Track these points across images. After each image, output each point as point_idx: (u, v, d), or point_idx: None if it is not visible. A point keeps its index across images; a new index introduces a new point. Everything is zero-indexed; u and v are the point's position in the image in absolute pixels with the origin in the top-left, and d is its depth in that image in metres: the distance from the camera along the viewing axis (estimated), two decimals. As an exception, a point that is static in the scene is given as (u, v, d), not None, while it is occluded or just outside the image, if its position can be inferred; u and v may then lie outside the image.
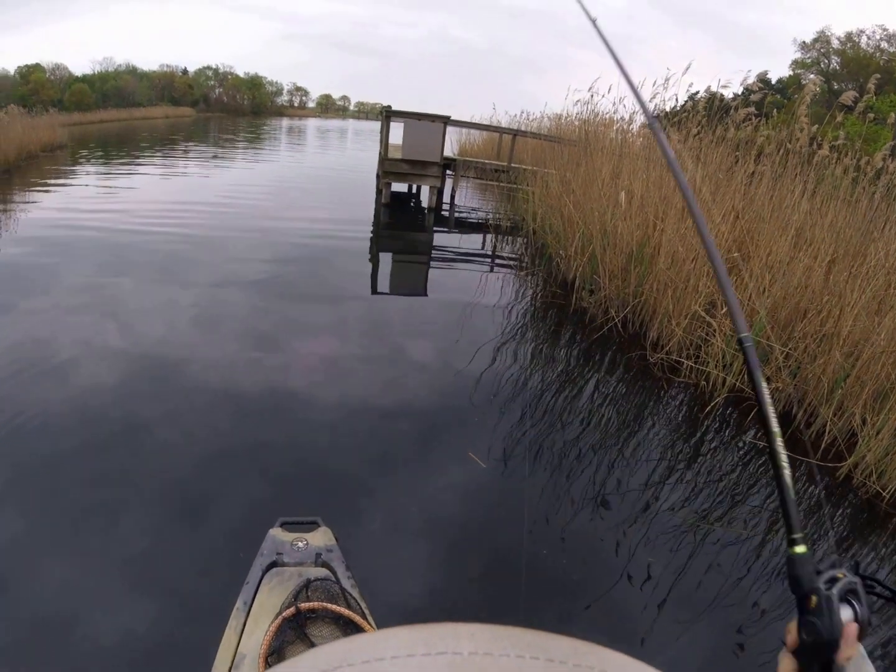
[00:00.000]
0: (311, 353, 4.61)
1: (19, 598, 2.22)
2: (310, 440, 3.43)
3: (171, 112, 50.38)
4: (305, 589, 1.38)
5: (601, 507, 3.09)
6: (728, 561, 2.78)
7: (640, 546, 2.82)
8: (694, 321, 4.63)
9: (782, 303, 4.36)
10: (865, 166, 5.10)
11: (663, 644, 2.31)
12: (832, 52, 29.95)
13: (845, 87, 15.95)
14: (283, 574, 1.56)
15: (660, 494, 3.27)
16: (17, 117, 16.28)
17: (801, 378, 4.15)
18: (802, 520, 2.28)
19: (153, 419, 3.45)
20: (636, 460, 3.58)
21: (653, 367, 4.69)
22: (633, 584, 2.58)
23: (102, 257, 6.61)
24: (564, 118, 10.33)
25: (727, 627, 2.43)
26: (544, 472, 3.33)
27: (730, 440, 4.04)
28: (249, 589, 1.53)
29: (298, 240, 8.06)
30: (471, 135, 17.46)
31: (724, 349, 4.26)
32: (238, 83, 72.09)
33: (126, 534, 2.54)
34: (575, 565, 2.71)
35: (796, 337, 4.20)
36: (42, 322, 4.73)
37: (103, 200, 10.23)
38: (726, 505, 3.27)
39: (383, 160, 11.11)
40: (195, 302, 5.40)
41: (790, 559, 0.64)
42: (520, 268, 7.94)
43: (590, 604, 2.46)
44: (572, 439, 3.72)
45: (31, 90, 43.13)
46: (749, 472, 3.65)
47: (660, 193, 5.56)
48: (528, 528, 2.87)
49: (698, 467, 3.66)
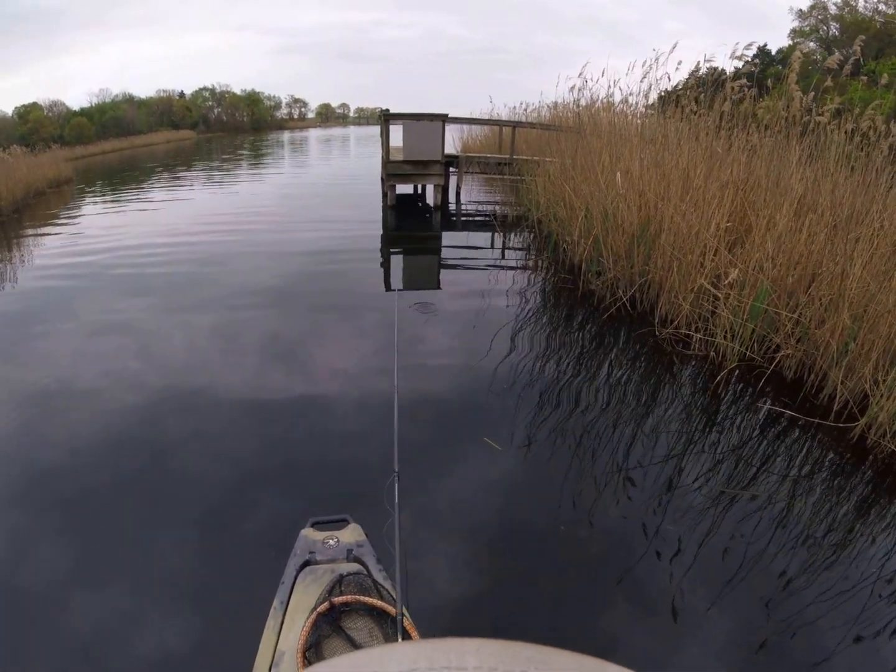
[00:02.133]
0: (329, 356, 4.73)
1: (70, 605, 2.31)
2: (335, 439, 3.51)
3: (171, 136, 50.52)
4: (339, 584, 1.42)
5: (624, 482, 3.14)
6: (752, 529, 2.80)
7: (665, 518, 2.87)
8: (700, 295, 4.67)
9: (787, 271, 4.39)
10: (868, 130, 5.06)
11: (692, 617, 2.35)
12: (830, 19, 29.55)
13: (846, 53, 15.75)
14: (316, 572, 1.61)
15: (681, 465, 3.33)
16: (20, 157, 16.52)
17: (811, 343, 4.18)
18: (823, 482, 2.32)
19: (182, 435, 3.55)
20: (654, 434, 3.64)
21: (663, 343, 4.77)
22: (661, 556, 2.62)
23: (117, 284, 6.80)
24: (562, 106, 10.34)
25: (754, 597, 2.42)
26: (566, 452, 3.41)
27: (744, 408, 4.09)
28: (285, 588, 1.58)
29: (308, 251, 8.20)
30: (472, 131, 17.47)
31: (732, 319, 4.31)
32: (236, 101, 72.08)
33: (163, 546, 2.64)
34: (602, 540, 2.77)
35: (802, 304, 4.22)
36: (68, 349, 4.91)
37: (114, 230, 10.38)
38: (748, 473, 3.30)
39: (386, 163, 11.19)
40: (215, 318, 5.56)
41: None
42: (528, 257, 8.04)
43: (621, 577, 2.51)
44: (590, 418, 3.79)
45: (30, 129, 43.04)
46: (768, 439, 3.69)
47: (659, 171, 5.60)
48: (556, 506, 2.93)
49: (716, 437, 3.70)
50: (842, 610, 2.35)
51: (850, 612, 2.34)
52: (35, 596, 2.38)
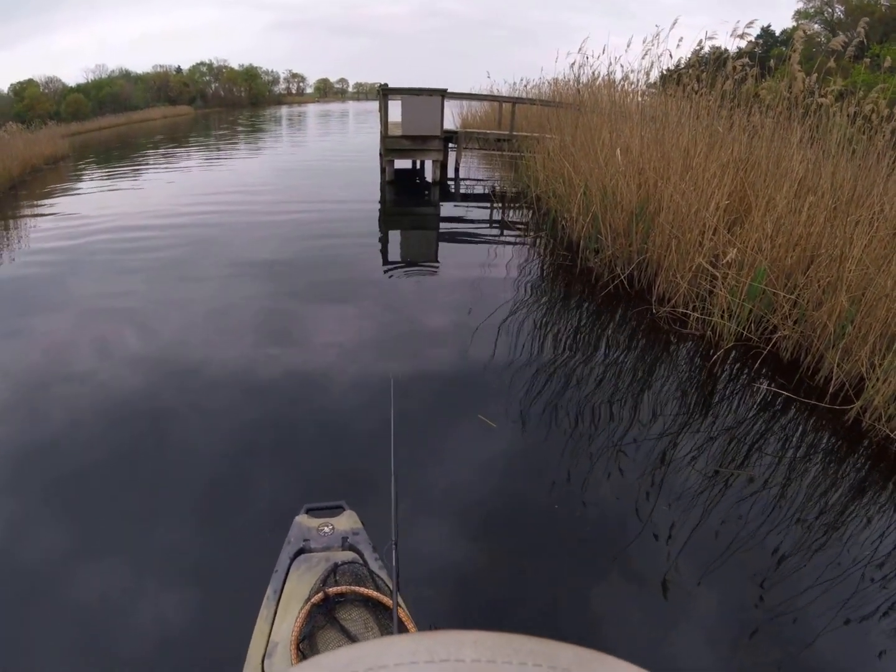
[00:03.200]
0: (326, 334, 4.70)
1: (58, 591, 2.29)
2: (330, 420, 3.48)
3: (169, 112, 49.81)
4: (333, 573, 1.39)
5: (619, 460, 3.15)
6: (746, 509, 2.81)
7: (660, 496, 2.88)
8: (698, 274, 4.65)
9: (785, 252, 4.37)
10: (871, 114, 5.02)
11: (685, 594, 2.36)
12: (835, 1, 29.24)
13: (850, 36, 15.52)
14: (310, 560, 1.57)
15: (676, 444, 3.34)
16: (17, 134, 16.40)
17: (808, 325, 4.17)
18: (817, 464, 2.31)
19: (176, 416, 3.52)
20: (650, 412, 3.65)
21: (660, 321, 4.76)
22: (656, 536, 2.64)
23: (115, 260, 6.73)
24: (563, 82, 10.24)
25: (747, 578, 2.44)
26: (561, 429, 3.41)
27: (740, 388, 4.10)
28: (278, 577, 1.55)
29: (305, 226, 8.13)
30: (472, 106, 17.31)
31: (730, 299, 4.29)
32: (233, 76, 71.19)
33: (155, 531, 2.61)
34: (596, 519, 2.78)
35: (801, 285, 4.21)
36: (63, 326, 4.88)
37: (109, 207, 10.23)
38: (743, 452, 3.32)
39: (384, 138, 11.08)
40: (212, 295, 5.52)
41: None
42: (526, 234, 7.99)
43: (615, 556, 2.53)
44: (586, 395, 3.80)
45: (26, 106, 42.41)
46: (763, 419, 3.70)
47: (660, 150, 5.55)
48: (549, 484, 2.94)
49: (711, 416, 3.71)
50: (833, 592, 2.37)
51: (841, 594, 2.36)
52: (24, 574, 2.39)
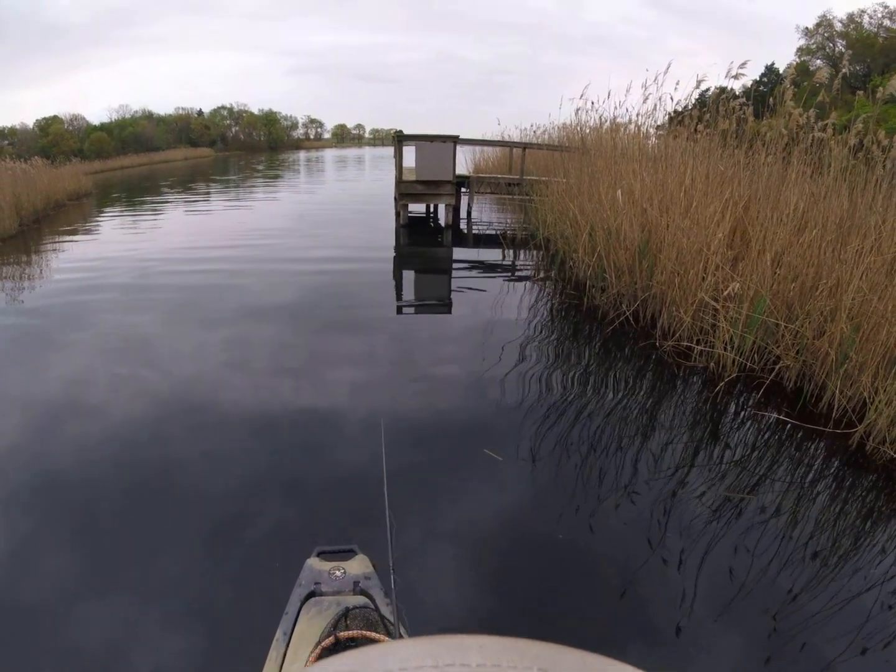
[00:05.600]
0: (339, 374, 4.80)
1: (60, 631, 2.29)
2: (343, 462, 3.50)
3: (190, 153, 51.32)
4: (344, 617, 1.36)
5: (626, 492, 3.19)
6: (754, 538, 2.82)
7: (667, 527, 2.91)
8: (701, 308, 4.78)
9: (786, 284, 4.48)
10: (871, 146, 5.11)
11: (696, 626, 2.36)
12: (836, 35, 29.61)
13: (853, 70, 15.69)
14: (321, 604, 1.54)
15: (683, 475, 3.38)
16: (42, 168, 16.66)
17: (809, 354, 4.26)
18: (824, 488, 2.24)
19: (187, 456, 3.55)
20: (656, 443, 3.73)
21: (664, 355, 4.88)
22: (665, 567, 2.65)
23: (133, 298, 7.01)
24: (571, 126, 10.51)
25: (757, 607, 2.42)
26: (569, 462, 3.49)
27: (744, 417, 4.19)
28: (289, 619, 1.52)
29: (321, 268, 8.37)
30: (485, 152, 17.70)
31: (732, 331, 4.42)
32: (253, 120, 73.17)
33: (166, 570, 2.63)
34: (604, 551, 2.81)
35: (801, 315, 4.31)
36: (80, 360, 5.07)
37: (129, 245, 10.68)
38: (749, 481, 3.34)
39: (399, 183, 11.41)
40: (225, 333, 5.71)
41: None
42: (536, 274, 8.20)
43: (625, 589, 2.55)
44: (593, 429, 3.89)
45: (50, 142, 43.57)
46: (768, 447, 3.76)
47: (662, 190, 5.74)
48: (558, 516, 2.99)
49: (716, 446, 3.77)
50: (845, 618, 2.36)
51: (854, 620, 2.35)
52: (32, 607, 2.42)
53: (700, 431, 3.97)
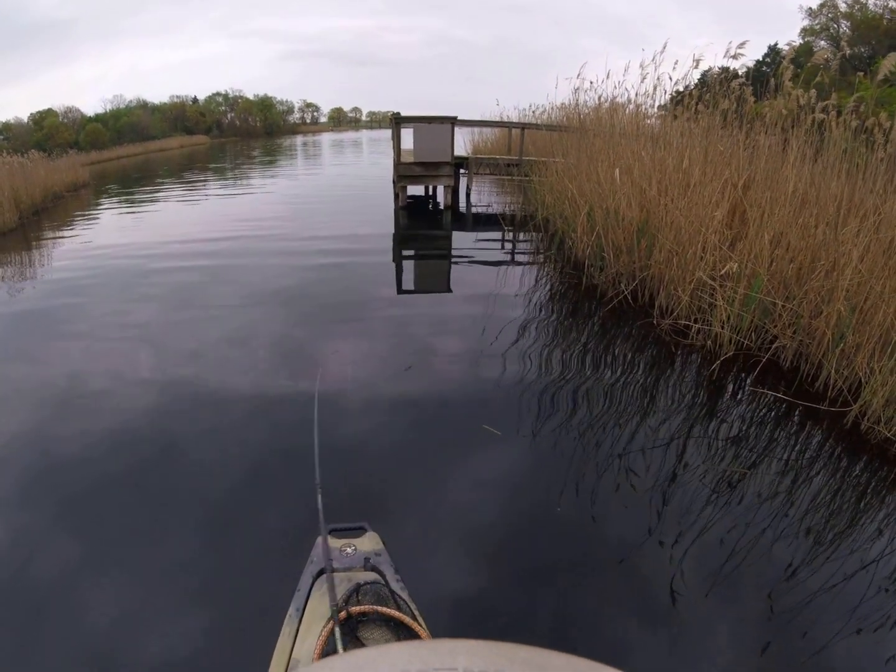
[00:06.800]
0: (339, 354, 4.84)
1: (77, 611, 2.34)
2: (348, 441, 3.52)
3: (186, 141, 50.86)
4: (356, 593, 1.39)
5: (624, 468, 3.23)
6: (751, 517, 2.83)
7: (666, 503, 2.94)
8: (700, 287, 4.79)
9: (784, 264, 4.49)
10: (873, 127, 5.09)
11: (692, 603, 2.37)
12: (840, 17, 29.35)
13: (857, 51, 15.55)
14: (333, 580, 1.57)
15: (679, 451, 3.42)
16: (38, 161, 16.71)
17: (806, 333, 4.28)
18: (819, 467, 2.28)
19: (194, 437, 3.60)
20: (653, 420, 3.76)
21: (663, 333, 4.91)
22: (661, 543, 2.68)
23: (132, 286, 7.00)
24: (570, 107, 10.46)
25: (751, 583, 2.45)
26: (567, 438, 3.53)
27: (741, 395, 4.21)
28: (301, 596, 1.55)
29: (320, 250, 8.39)
30: (483, 133, 17.61)
31: (729, 310, 4.44)
32: (249, 106, 72.47)
33: (178, 549, 2.66)
34: (601, 524, 2.85)
35: (798, 295, 4.33)
36: (80, 347, 5.10)
37: (128, 233, 10.73)
38: (745, 458, 3.37)
39: (397, 165, 11.37)
40: (227, 317, 5.73)
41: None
42: (535, 255, 8.23)
43: (621, 559, 2.59)
44: (591, 405, 3.94)
45: (45, 135, 43.28)
46: (763, 425, 3.79)
47: (661, 169, 5.73)
48: (556, 491, 3.03)
49: (713, 422, 3.80)
50: (839, 599, 2.38)
51: (848, 601, 2.37)
52: (49, 589, 2.44)
53: (698, 408, 4.00)
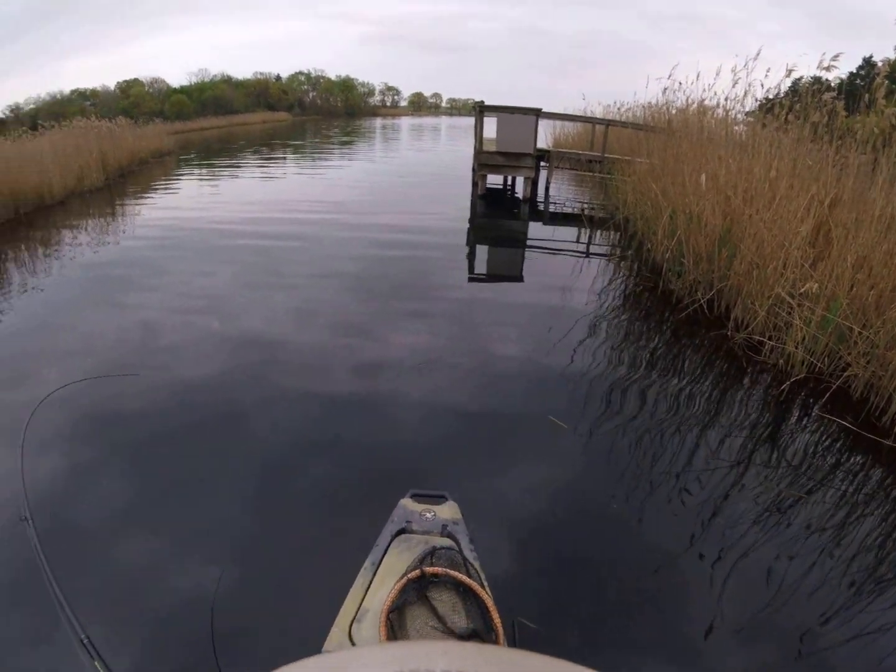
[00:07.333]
0: (405, 337, 5.08)
1: (173, 557, 2.57)
2: (415, 421, 3.78)
3: (268, 117, 52.28)
4: (431, 555, 1.43)
5: (679, 480, 3.26)
6: (797, 550, 2.77)
7: (714, 520, 2.94)
8: (777, 304, 4.76)
9: (866, 290, 4.35)
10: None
11: (717, 625, 2.35)
12: (937, 27, 27.42)
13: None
14: (410, 540, 1.67)
15: (738, 471, 3.38)
16: (126, 127, 17.67)
17: (880, 364, 4.12)
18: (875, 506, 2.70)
19: (266, 397, 3.96)
20: (715, 436, 3.76)
21: (735, 347, 4.91)
22: (703, 556, 2.70)
23: (206, 249, 7.61)
24: (657, 106, 10.39)
25: (789, 619, 2.39)
26: (627, 442, 3.62)
27: (807, 421, 4.14)
28: (378, 551, 1.64)
29: (394, 234, 8.69)
30: (565, 127, 17.58)
31: (805, 330, 4.41)
32: (330, 86, 73.66)
33: (276, 496, 3.00)
34: (650, 529, 2.90)
35: (876, 324, 4.18)
36: (157, 306, 5.59)
37: (206, 200, 11.48)
38: (805, 488, 3.30)
39: (479, 153, 11.52)
40: (296, 289, 6.13)
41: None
42: (612, 254, 8.26)
43: (658, 567, 2.64)
44: (654, 413, 3.99)
45: (132, 103, 44.87)
46: (829, 456, 3.71)
47: (747, 178, 5.71)
48: (613, 489, 3.14)
49: (775, 446, 3.73)
50: (873, 652, 2.27)
51: (881, 655, 2.26)
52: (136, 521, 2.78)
53: (762, 428, 3.94)
